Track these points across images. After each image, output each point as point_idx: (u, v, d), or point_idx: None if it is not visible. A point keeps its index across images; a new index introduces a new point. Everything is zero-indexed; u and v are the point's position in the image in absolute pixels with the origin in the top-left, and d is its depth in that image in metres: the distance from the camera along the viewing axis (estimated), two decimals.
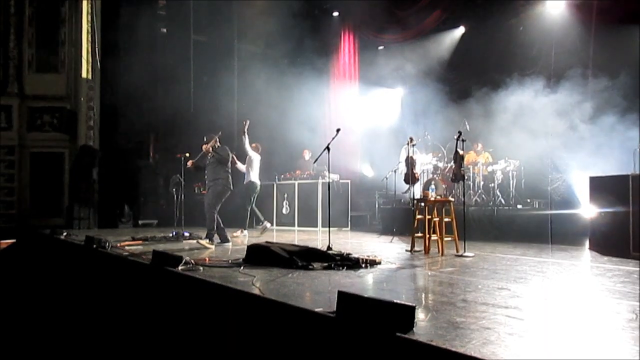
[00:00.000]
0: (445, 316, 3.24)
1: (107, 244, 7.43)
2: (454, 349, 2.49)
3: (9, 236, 10.95)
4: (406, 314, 2.83)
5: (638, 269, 5.52)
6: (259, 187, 10.69)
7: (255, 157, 10.54)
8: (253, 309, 3.82)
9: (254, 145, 10.51)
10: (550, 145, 11.93)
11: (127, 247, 7.70)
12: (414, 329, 2.81)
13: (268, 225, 10.69)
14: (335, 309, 3.15)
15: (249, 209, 10.49)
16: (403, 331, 2.74)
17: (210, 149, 8.24)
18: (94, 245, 7.46)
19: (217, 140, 8.43)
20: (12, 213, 12.91)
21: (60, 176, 13.47)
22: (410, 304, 2.88)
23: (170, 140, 13.91)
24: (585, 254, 7.42)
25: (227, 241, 8.21)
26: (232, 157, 8.75)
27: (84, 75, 13.55)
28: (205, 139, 8.42)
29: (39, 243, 9.97)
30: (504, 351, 2.51)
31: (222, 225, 8.33)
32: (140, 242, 8.72)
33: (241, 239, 9.58)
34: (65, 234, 9.69)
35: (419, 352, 2.58)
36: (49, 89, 13.59)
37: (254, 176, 10.47)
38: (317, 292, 4.32)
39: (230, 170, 8.48)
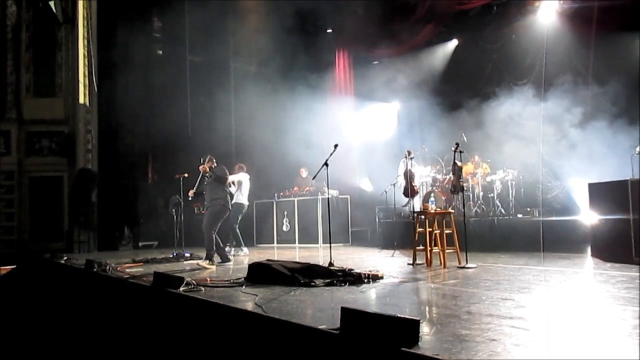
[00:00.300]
0: (450, 329, 3.22)
1: (108, 267, 7.41)
2: None
3: (9, 262, 10.87)
4: (411, 328, 2.82)
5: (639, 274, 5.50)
6: (245, 208, 10.63)
7: (244, 178, 10.50)
8: (256, 328, 3.79)
9: (237, 166, 10.51)
10: (548, 153, 11.98)
11: (127, 270, 7.66)
12: (419, 343, 2.79)
13: (245, 251, 10.40)
14: (339, 326, 3.13)
15: (236, 227, 10.37)
16: (408, 346, 2.72)
17: (207, 169, 8.23)
18: (95, 269, 7.44)
19: (214, 160, 8.46)
20: (11, 238, 12.85)
21: (60, 200, 13.43)
22: (415, 318, 2.87)
23: (169, 160, 13.93)
24: (588, 261, 7.40)
25: (228, 260, 8.20)
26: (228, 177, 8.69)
27: (81, 98, 13.57)
28: (201, 160, 8.42)
29: (39, 268, 9.92)
30: None
31: (221, 244, 8.30)
32: (140, 264, 8.69)
33: (241, 257, 9.53)
34: (65, 258, 9.66)
35: None
36: (47, 113, 13.60)
37: (242, 197, 10.41)
38: (320, 309, 4.30)
39: (228, 190, 8.50)
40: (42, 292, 8.90)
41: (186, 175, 9.51)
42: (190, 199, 8.89)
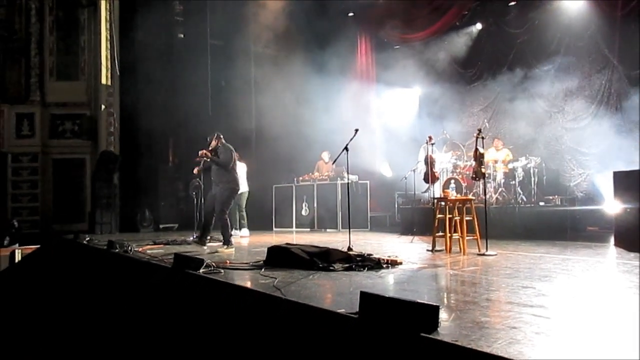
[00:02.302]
0: (470, 316, 3.20)
1: (129, 248, 7.50)
2: (479, 349, 2.45)
3: (33, 242, 11.10)
4: (430, 314, 2.80)
5: None
6: (246, 195, 11.15)
7: (240, 166, 10.52)
8: (274, 311, 3.81)
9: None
10: (572, 141, 11.78)
11: (148, 251, 7.75)
12: (438, 329, 2.78)
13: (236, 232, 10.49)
14: (357, 310, 3.13)
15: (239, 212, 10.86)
16: (427, 331, 2.70)
17: (209, 153, 7.91)
18: (116, 250, 7.54)
19: (221, 137, 8.10)
20: (35, 219, 13.11)
21: (82, 182, 13.65)
22: (434, 303, 2.85)
23: (189, 143, 14.01)
24: (611, 251, 7.29)
25: (230, 244, 7.99)
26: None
27: (103, 81, 13.71)
28: (207, 139, 8.13)
29: (62, 248, 10.09)
30: (531, 350, 2.47)
31: (229, 227, 8.17)
32: (161, 245, 8.77)
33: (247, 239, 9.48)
34: (87, 238, 9.80)
35: (443, 353, 2.55)
36: (70, 96, 13.79)
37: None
38: (339, 293, 4.30)
39: (235, 171, 8.16)
40: (64, 272, 9.06)
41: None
42: (194, 173, 8.68)
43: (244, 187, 10.63)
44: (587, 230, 9.91)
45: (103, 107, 13.65)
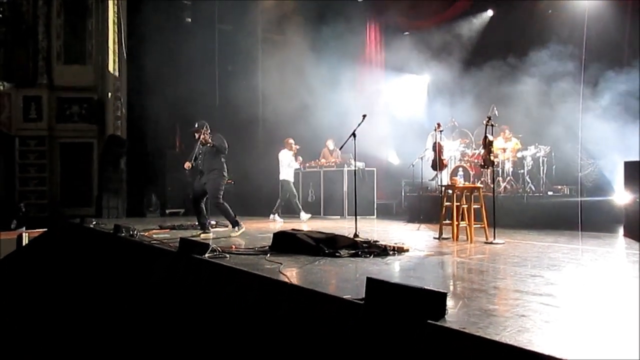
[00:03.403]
0: (477, 303, 3.15)
1: (135, 232, 7.50)
2: (488, 337, 2.40)
3: (40, 225, 11.13)
4: (437, 300, 2.76)
5: None
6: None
7: (286, 154, 11.37)
8: (281, 296, 3.78)
9: None
10: (582, 130, 11.64)
11: (154, 235, 7.75)
12: (445, 316, 2.73)
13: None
14: (363, 296, 3.09)
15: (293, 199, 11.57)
16: (434, 318, 2.66)
17: (209, 138, 7.84)
18: (122, 234, 7.54)
19: (207, 127, 7.99)
20: (43, 203, 13.14)
21: (90, 166, 13.65)
22: (442, 290, 2.81)
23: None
24: (620, 241, 7.22)
25: (208, 231, 7.95)
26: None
27: (110, 65, 13.66)
28: (196, 125, 8.01)
29: (69, 232, 10.12)
30: (540, 339, 2.42)
31: (206, 214, 8.13)
32: (167, 230, 8.78)
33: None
34: (94, 222, 9.82)
35: (451, 340, 2.50)
36: (77, 80, 13.74)
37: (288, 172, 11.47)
38: (345, 279, 4.27)
39: (225, 159, 8.11)
40: (71, 255, 9.09)
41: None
42: (187, 171, 8.32)
43: (289, 175, 11.39)
44: (596, 220, 9.82)
45: (110, 91, 13.61)
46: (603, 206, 9.36)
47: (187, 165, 8.07)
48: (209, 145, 7.86)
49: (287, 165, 11.69)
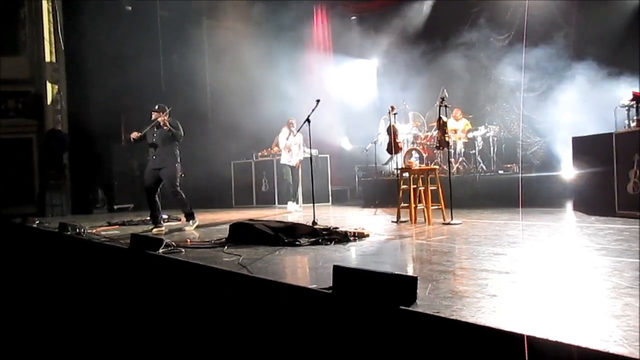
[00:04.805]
0: (447, 286, 3.08)
1: (82, 230, 7.14)
2: (464, 320, 2.32)
3: None
4: (408, 285, 2.66)
5: (629, 226, 5.46)
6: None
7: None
8: (242, 290, 3.61)
9: None
10: (528, 109, 11.90)
11: (103, 233, 7.41)
12: (416, 301, 2.65)
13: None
14: (330, 285, 2.97)
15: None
16: (406, 304, 2.57)
17: (167, 122, 7.40)
18: (69, 232, 7.17)
19: (168, 112, 7.54)
20: None
21: (30, 163, 12.98)
22: (412, 275, 2.72)
23: (142, 120, 13.47)
24: (571, 215, 7.39)
25: (160, 225, 7.54)
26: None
27: (47, 56, 12.97)
28: (157, 107, 7.58)
29: (9, 233, 9.60)
30: (516, 318, 2.36)
31: (160, 208, 7.69)
32: (116, 226, 8.42)
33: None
34: (37, 222, 9.34)
35: (425, 325, 2.41)
36: (11, 72, 12.96)
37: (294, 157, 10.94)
38: (308, 268, 4.15)
39: (179, 148, 7.69)
40: (13, 257, 8.61)
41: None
42: (132, 140, 7.68)
43: (285, 158, 10.81)
44: (545, 197, 10.06)
45: (48, 83, 12.93)
46: (551, 182, 9.58)
47: (134, 134, 7.58)
48: (165, 129, 7.38)
49: (283, 147, 10.97)
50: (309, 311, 3.00)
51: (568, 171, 9.05)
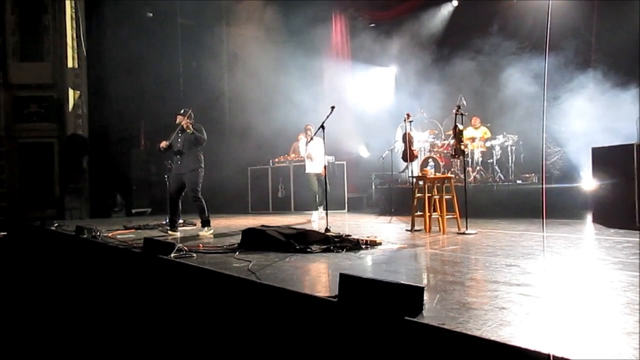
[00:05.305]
0: (455, 297, 3.03)
1: (98, 234, 7.22)
2: (469, 332, 2.28)
3: (0, 229, 10.71)
4: (414, 295, 2.63)
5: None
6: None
7: (318, 143, 10.14)
8: (249, 296, 3.60)
9: None
10: (548, 119, 11.72)
11: (118, 236, 7.46)
12: (423, 311, 2.60)
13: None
14: (337, 293, 2.94)
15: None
16: (412, 314, 2.53)
17: (191, 125, 7.48)
18: (85, 235, 7.25)
19: (192, 116, 7.66)
20: (2, 205, 12.64)
21: (51, 166, 13.20)
22: (419, 285, 2.67)
23: (161, 127, 13.62)
24: (590, 227, 7.24)
25: (176, 230, 7.67)
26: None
27: (69, 62, 13.19)
28: (182, 111, 7.68)
29: (29, 235, 9.75)
30: (523, 332, 2.30)
31: (180, 213, 7.81)
32: (132, 230, 8.48)
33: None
34: (56, 224, 9.48)
35: (430, 337, 2.37)
36: (35, 77, 13.24)
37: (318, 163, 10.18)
38: (317, 276, 4.12)
39: (202, 152, 7.80)
40: (32, 259, 8.73)
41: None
42: (160, 149, 7.85)
43: (310, 167, 10.18)
44: (563, 208, 9.89)
45: (70, 89, 13.15)
46: (571, 193, 9.42)
47: (164, 144, 7.72)
48: (189, 132, 7.46)
49: (305, 156, 10.48)
50: (314, 319, 2.98)
51: (588, 182, 8.89)
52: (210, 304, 4.00)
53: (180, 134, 7.63)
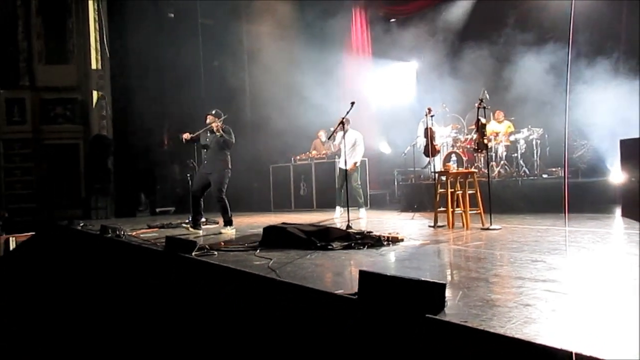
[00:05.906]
0: (478, 293, 2.96)
1: (122, 232, 7.28)
2: (492, 330, 2.22)
3: (27, 229, 10.88)
4: (436, 292, 2.57)
5: None
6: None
7: (356, 136, 9.94)
8: (269, 294, 3.58)
9: None
10: (574, 111, 11.47)
11: (142, 235, 7.54)
12: (444, 309, 2.55)
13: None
14: (357, 291, 2.90)
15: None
16: (433, 312, 2.47)
17: (220, 128, 7.59)
18: (109, 234, 7.33)
19: (222, 119, 7.76)
20: (30, 206, 12.88)
21: (76, 167, 13.39)
22: (440, 281, 2.61)
23: (184, 126, 13.72)
24: (618, 222, 7.07)
25: (199, 228, 7.79)
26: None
27: (93, 64, 13.36)
28: (214, 112, 7.76)
29: (56, 235, 9.89)
30: (549, 330, 2.23)
31: (202, 212, 7.94)
32: (155, 229, 8.56)
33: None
34: (82, 224, 9.60)
35: (452, 335, 2.31)
36: (60, 80, 13.43)
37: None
38: (338, 273, 4.08)
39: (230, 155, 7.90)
40: (59, 258, 8.86)
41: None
42: (183, 141, 7.89)
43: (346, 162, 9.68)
44: (592, 201, 9.68)
45: (94, 90, 13.32)
46: (598, 187, 9.21)
47: (187, 135, 7.80)
48: (218, 135, 7.55)
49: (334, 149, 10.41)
50: (333, 317, 2.94)
51: (616, 175, 8.67)
52: (231, 301, 3.99)
53: (209, 133, 7.75)
